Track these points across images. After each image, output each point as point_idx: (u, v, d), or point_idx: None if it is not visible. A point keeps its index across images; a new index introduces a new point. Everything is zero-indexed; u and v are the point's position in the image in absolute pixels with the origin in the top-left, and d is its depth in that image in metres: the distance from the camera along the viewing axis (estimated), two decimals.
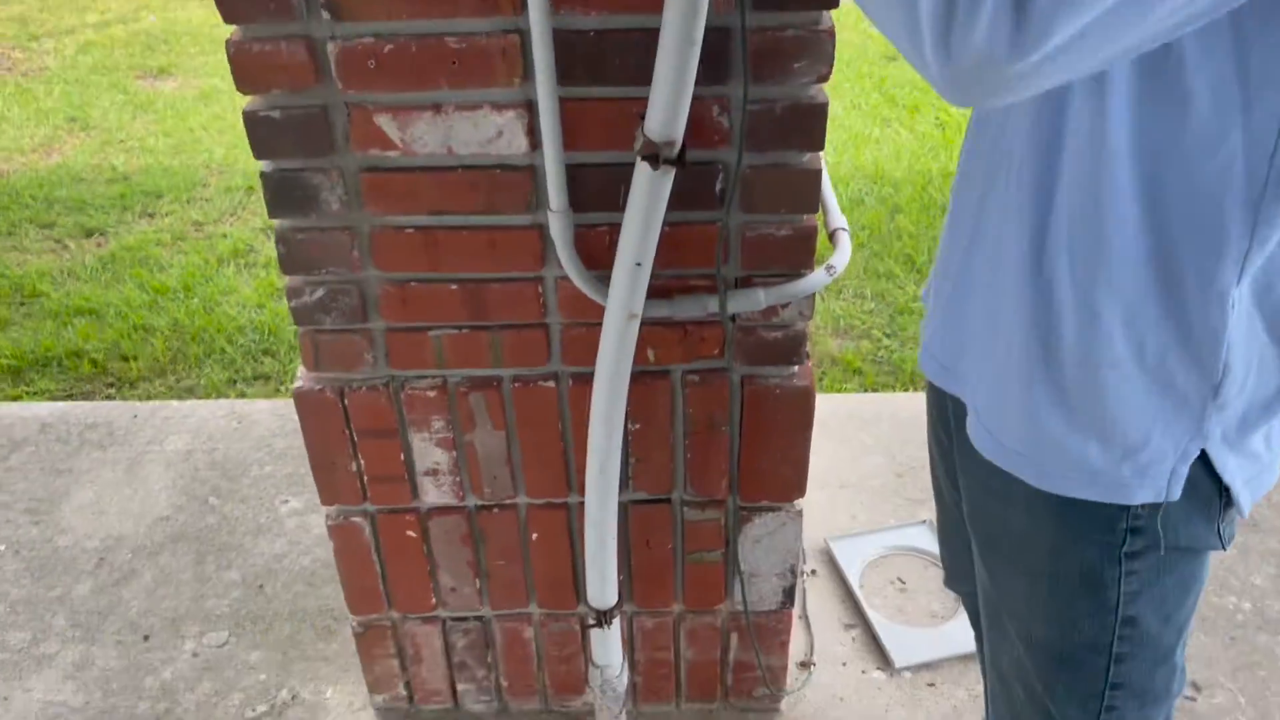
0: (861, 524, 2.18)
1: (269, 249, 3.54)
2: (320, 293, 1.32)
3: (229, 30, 1.15)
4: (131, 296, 3.24)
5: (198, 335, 3.05)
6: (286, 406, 2.55)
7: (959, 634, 1.90)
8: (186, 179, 4.10)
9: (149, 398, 2.82)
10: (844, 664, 1.86)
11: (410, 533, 1.54)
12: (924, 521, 2.16)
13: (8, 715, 1.80)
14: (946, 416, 1.10)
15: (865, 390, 2.79)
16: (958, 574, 1.28)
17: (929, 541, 2.11)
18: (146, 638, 1.94)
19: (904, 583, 2.03)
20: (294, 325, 1.34)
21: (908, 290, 3.21)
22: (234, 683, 1.85)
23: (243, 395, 2.83)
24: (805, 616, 1.95)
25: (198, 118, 4.80)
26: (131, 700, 1.82)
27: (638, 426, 1.43)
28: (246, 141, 1.20)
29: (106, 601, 2.02)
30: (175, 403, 2.61)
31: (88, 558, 2.13)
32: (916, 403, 2.54)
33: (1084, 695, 0.95)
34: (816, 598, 2.00)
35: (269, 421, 2.51)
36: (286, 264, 1.29)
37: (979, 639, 1.33)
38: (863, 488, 2.28)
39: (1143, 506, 0.85)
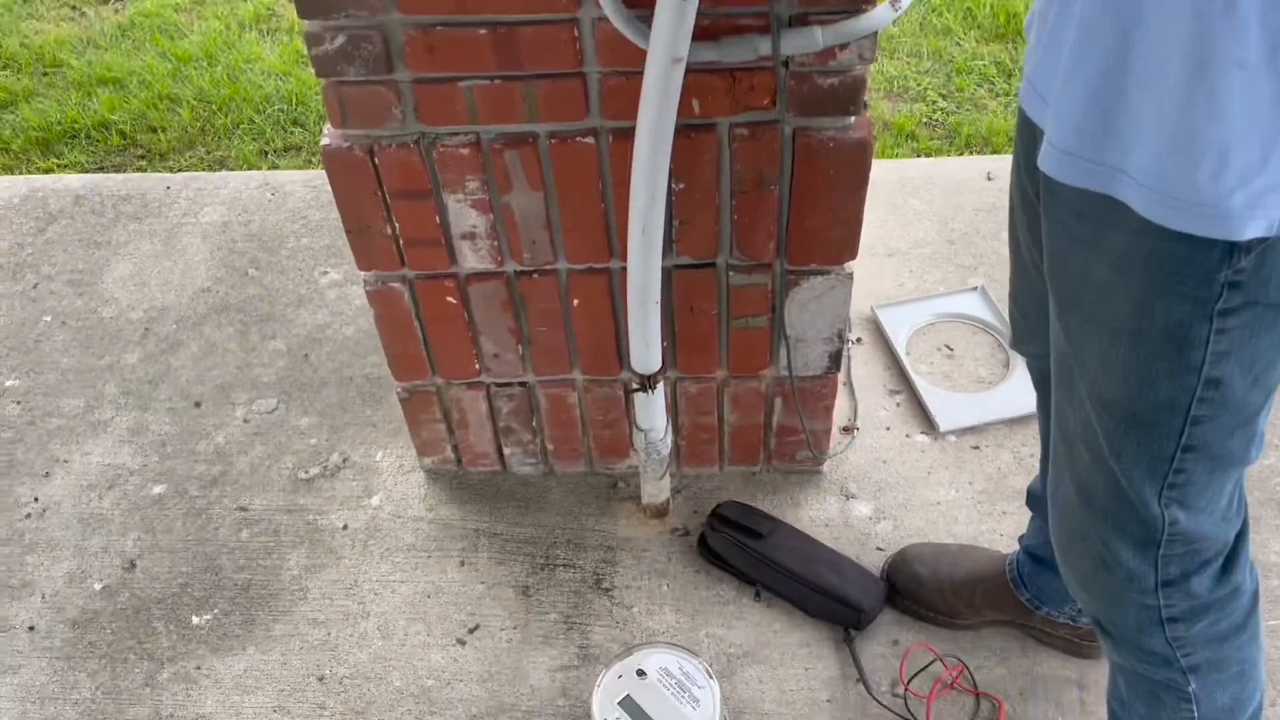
0: (909, 292, 2.12)
1: (292, 13, 3.37)
2: (341, 39, 1.22)
3: None
4: (154, 65, 3.12)
5: (224, 105, 2.96)
6: (319, 178, 2.49)
7: (1005, 399, 1.88)
8: None
9: (180, 169, 2.77)
10: (888, 428, 1.86)
11: (450, 299, 1.51)
12: (975, 288, 2.10)
13: (69, 477, 1.87)
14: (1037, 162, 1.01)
15: (919, 155, 2.66)
16: (1026, 335, 1.23)
17: (979, 308, 2.06)
18: (198, 404, 1.98)
19: (951, 349, 2.00)
20: (320, 82, 1.25)
21: (966, 48, 3.01)
22: (285, 446, 1.89)
23: (274, 166, 2.77)
24: (850, 383, 1.93)
25: None
26: (188, 463, 1.87)
27: (681, 186, 1.36)
28: None
29: (156, 370, 2.05)
30: (207, 174, 2.56)
31: (133, 328, 2.14)
32: (972, 167, 2.43)
33: (1153, 457, 0.91)
34: (861, 365, 1.97)
35: (302, 193, 2.45)
36: (302, 6, 1.20)
37: (1041, 403, 1.30)
38: (912, 255, 2.21)
39: (1246, 254, 0.77)
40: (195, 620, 1.64)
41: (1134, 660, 1.09)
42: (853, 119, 1.30)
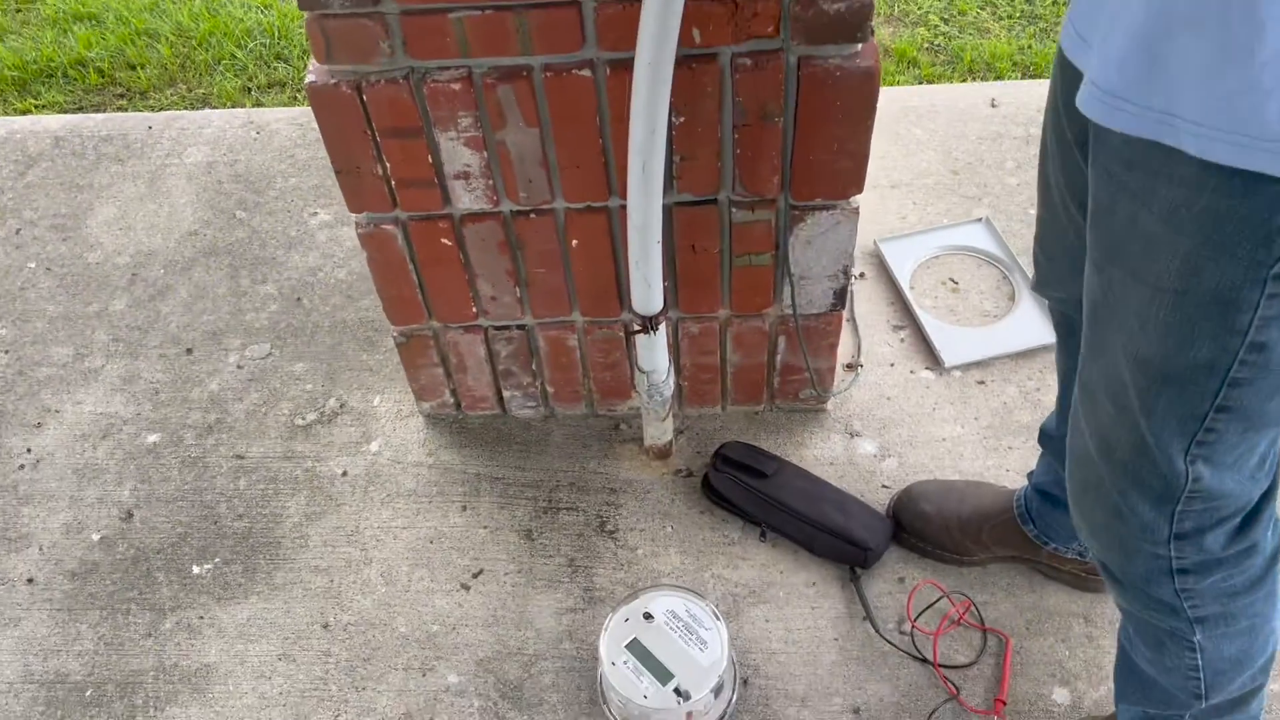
0: (912, 224, 2.08)
1: None
2: None
3: None
4: None
5: (204, 40, 2.87)
6: (305, 115, 2.42)
7: (1011, 333, 1.85)
8: None
9: (161, 108, 2.70)
10: (891, 364, 1.83)
11: (445, 240, 1.47)
12: (980, 220, 2.05)
13: (61, 427, 1.84)
14: (1086, 128, 0.95)
15: (920, 82, 2.60)
16: (1051, 279, 1.19)
17: (984, 240, 2.02)
18: (189, 351, 1.94)
19: (956, 283, 1.96)
20: (303, 16, 1.20)
21: None
22: (281, 392, 1.86)
23: (259, 104, 2.70)
24: (853, 319, 1.90)
25: None
26: (182, 411, 1.85)
27: (682, 120, 1.31)
28: None
29: (145, 316, 2.01)
30: (190, 113, 2.48)
31: (120, 274, 2.10)
32: (975, 94, 2.37)
33: (1184, 415, 0.88)
34: (864, 300, 1.94)
35: (289, 131, 2.39)
36: None
37: (1062, 347, 1.27)
38: (915, 186, 2.16)
39: None
40: (196, 570, 1.62)
41: (1140, 607, 1.07)
42: (860, 46, 1.25)
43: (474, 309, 1.58)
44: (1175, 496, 0.94)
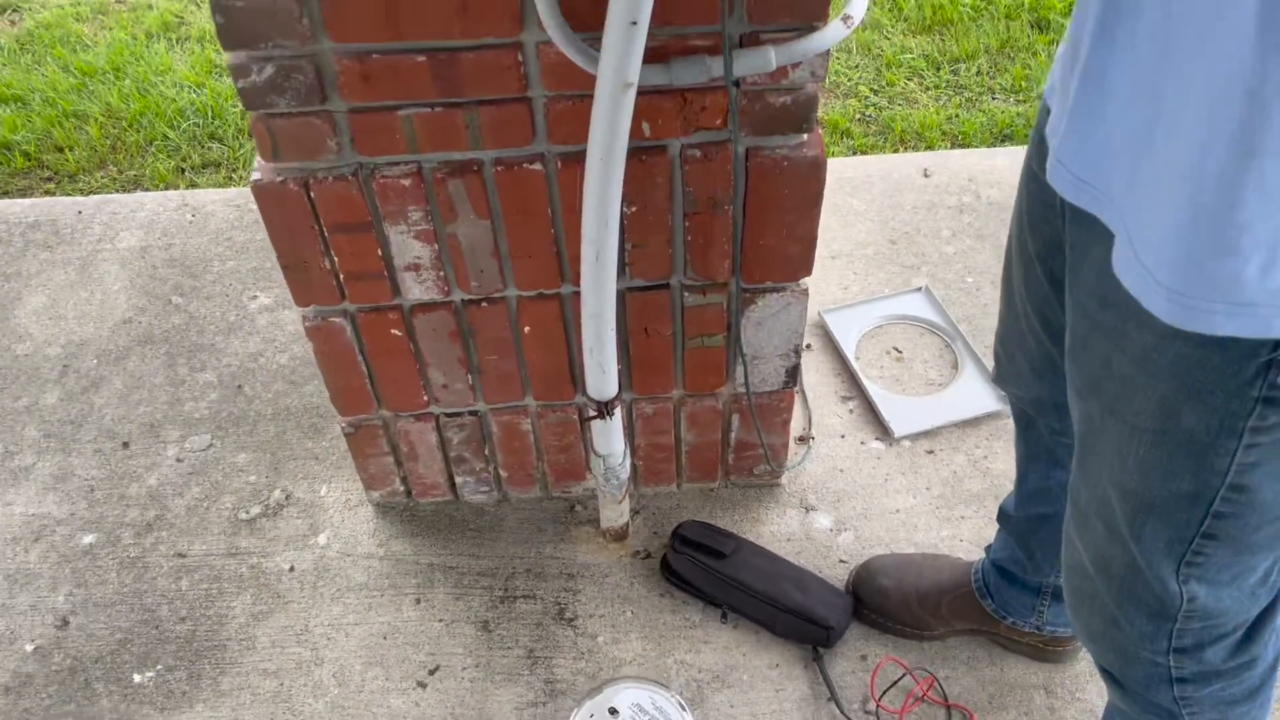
0: (855, 294, 2.11)
1: (201, 19, 3.24)
2: (269, 70, 1.15)
3: None
4: (56, 80, 2.97)
5: (135, 121, 2.82)
6: (242, 196, 2.39)
7: (956, 401, 1.88)
8: None
9: (91, 191, 2.64)
10: (842, 436, 1.85)
11: (395, 331, 1.45)
12: (919, 289, 2.09)
13: None
14: (1059, 227, 0.93)
15: (854, 153, 2.66)
16: (1010, 376, 1.20)
17: (925, 309, 2.05)
18: (126, 445, 1.88)
19: (900, 351, 1.99)
20: (242, 107, 1.18)
21: (895, 40, 3.01)
22: (224, 486, 1.81)
23: (193, 185, 2.65)
24: (802, 391, 1.92)
25: None
26: (119, 509, 1.78)
27: (634, 209, 1.32)
28: None
29: (78, 410, 1.94)
30: (122, 196, 2.43)
31: (51, 366, 2.03)
32: (908, 164, 2.43)
33: (1171, 539, 0.87)
34: (812, 371, 1.96)
35: (225, 213, 2.35)
36: (226, 37, 1.12)
37: (1019, 436, 1.29)
38: (855, 256, 2.20)
39: None
40: (137, 679, 1.55)
41: (1138, 710, 1.07)
42: (805, 136, 1.28)
43: (425, 397, 1.56)
44: (1172, 615, 0.93)
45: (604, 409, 1.43)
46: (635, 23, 1.02)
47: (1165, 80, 0.71)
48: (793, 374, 1.56)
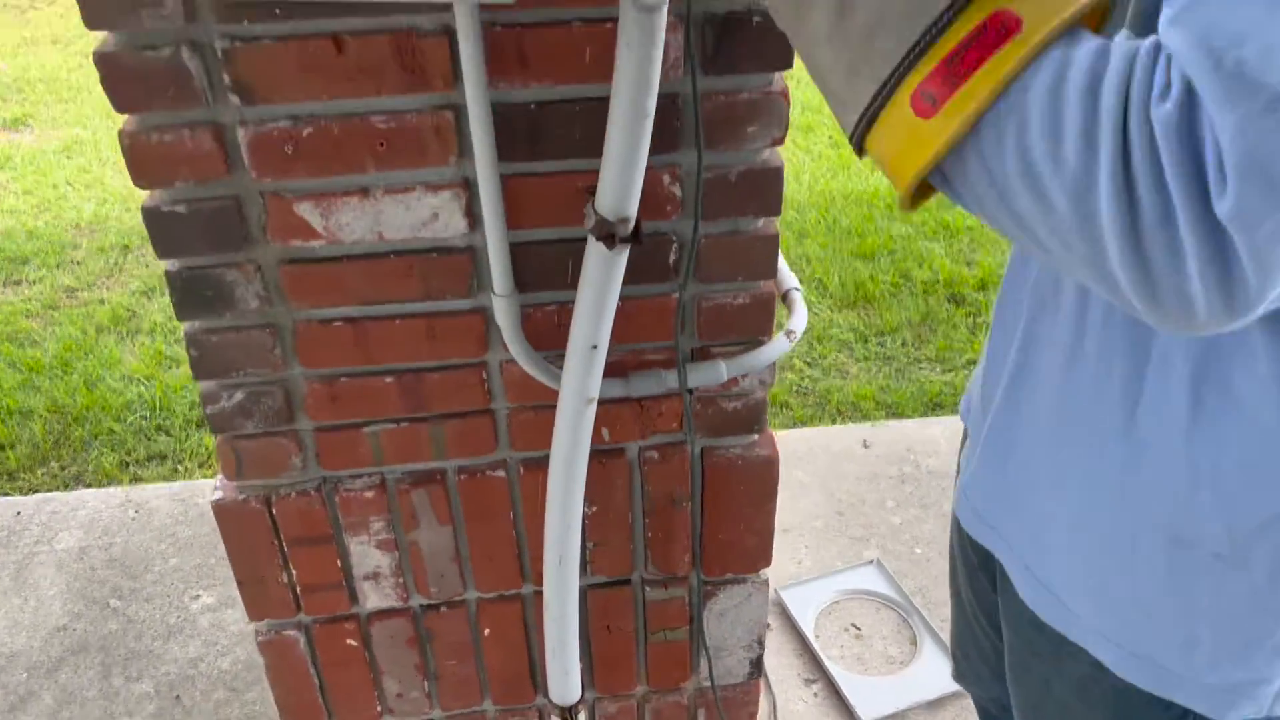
0: (808, 569, 2.13)
1: (152, 313, 3.32)
2: (239, 396, 1.19)
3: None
4: (2, 377, 2.99)
5: (81, 415, 2.83)
6: (187, 490, 2.37)
7: (920, 681, 1.86)
8: (54, 241, 3.82)
9: (31, 490, 2.59)
10: None
11: (350, 641, 1.41)
12: (871, 561, 2.12)
13: None
14: (987, 556, 0.96)
15: (794, 425, 2.76)
16: (969, 675, 1.21)
17: (878, 582, 2.07)
18: None
19: (858, 628, 1.99)
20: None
21: (823, 315, 3.20)
22: None
23: (137, 479, 2.63)
24: (765, 675, 1.88)
25: (62, 172, 4.49)
26: None
27: (594, 509, 1.34)
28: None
29: None
30: (62, 494, 2.40)
31: None
32: (848, 435, 2.52)
33: None
34: (773, 653, 1.93)
35: (169, 508, 2.32)
36: (199, 369, 1.16)
37: None
38: (805, 529, 2.24)
39: None
40: None
41: None
42: (757, 436, 1.33)
43: (378, 708, 1.50)
44: None
45: (567, 714, 1.39)
46: (595, 346, 1.09)
47: (1060, 452, 0.76)
48: (757, 665, 1.55)
